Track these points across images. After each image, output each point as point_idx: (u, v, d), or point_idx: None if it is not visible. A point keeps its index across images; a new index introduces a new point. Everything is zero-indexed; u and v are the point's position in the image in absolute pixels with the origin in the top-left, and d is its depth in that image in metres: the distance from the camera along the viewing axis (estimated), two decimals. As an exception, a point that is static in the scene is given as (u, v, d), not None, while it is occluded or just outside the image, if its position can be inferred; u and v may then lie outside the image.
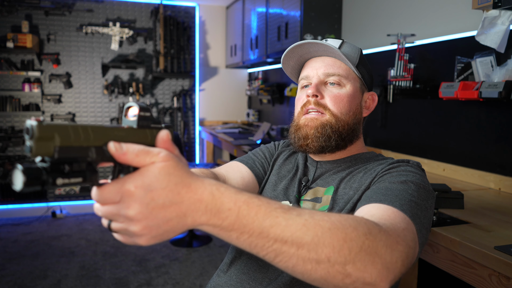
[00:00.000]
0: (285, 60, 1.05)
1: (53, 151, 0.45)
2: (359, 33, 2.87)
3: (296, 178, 1.05)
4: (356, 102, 1.02)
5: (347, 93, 0.99)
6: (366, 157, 1.03)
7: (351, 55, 1.00)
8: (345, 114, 0.98)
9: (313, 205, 0.97)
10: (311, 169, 1.06)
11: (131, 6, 4.48)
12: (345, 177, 0.98)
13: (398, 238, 0.63)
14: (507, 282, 1.04)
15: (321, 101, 0.98)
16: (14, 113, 4.18)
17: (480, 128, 1.90)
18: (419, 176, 0.86)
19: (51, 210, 4.41)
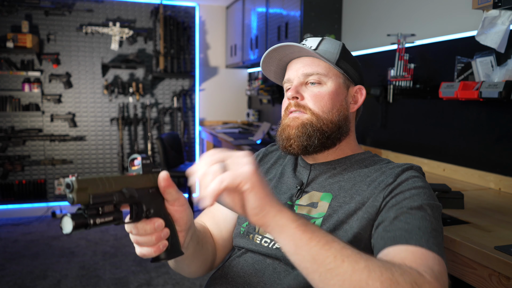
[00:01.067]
0: (265, 66, 1.05)
1: (89, 198, 0.59)
2: (359, 33, 2.87)
3: (288, 182, 1.02)
4: (340, 98, 0.99)
5: (328, 90, 0.97)
6: (362, 159, 1.00)
7: (330, 52, 0.98)
8: (328, 112, 0.96)
9: (308, 210, 0.94)
10: (304, 172, 1.02)
11: (131, 6, 4.48)
12: (345, 185, 0.94)
13: (437, 283, 0.66)
14: (507, 282, 1.04)
15: (301, 102, 0.97)
16: (14, 113, 4.18)
17: (480, 128, 1.90)
18: (427, 189, 0.87)
19: (51, 210, 4.41)
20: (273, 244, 0.92)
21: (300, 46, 0.96)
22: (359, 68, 1.05)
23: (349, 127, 1.02)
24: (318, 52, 0.97)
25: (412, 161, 2.30)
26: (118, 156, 4.57)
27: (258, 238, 0.95)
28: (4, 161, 4.21)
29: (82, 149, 4.48)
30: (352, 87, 1.03)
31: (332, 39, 1.03)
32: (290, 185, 1.02)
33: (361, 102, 1.04)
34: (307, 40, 1.01)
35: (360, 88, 1.04)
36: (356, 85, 1.04)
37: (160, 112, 4.67)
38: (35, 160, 4.32)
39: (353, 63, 1.03)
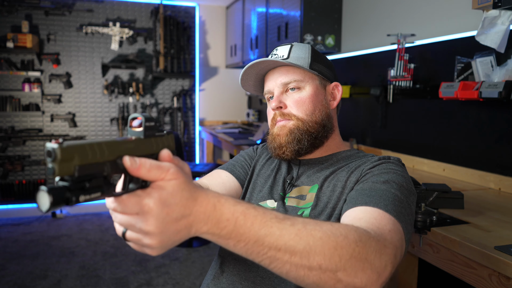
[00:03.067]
0: (243, 82, 1.11)
1: (74, 170, 0.48)
2: (359, 33, 2.87)
3: (281, 177, 1.08)
4: (320, 98, 1.05)
5: (308, 94, 1.03)
6: (347, 155, 1.06)
7: (301, 58, 1.04)
8: (311, 114, 1.03)
9: (297, 202, 1.00)
10: (294, 168, 1.08)
11: (131, 6, 4.48)
12: (329, 175, 1.00)
13: (385, 242, 0.66)
14: (507, 282, 1.04)
15: (285, 111, 1.04)
16: (14, 113, 4.18)
17: (480, 128, 1.90)
18: (400, 172, 0.90)
19: (51, 210, 4.40)
20: None
21: (274, 60, 1.02)
22: (331, 66, 1.11)
23: (332, 123, 1.07)
24: (290, 60, 1.02)
25: (412, 161, 2.31)
26: (118, 156, 4.56)
27: None
28: (4, 161, 4.21)
29: (82, 149, 4.47)
30: (328, 86, 1.08)
31: (301, 44, 1.08)
32: (283, 179, 1.08)
33: (339, 97, 1.09)
34: (277, 50, 1.07)
35: (336, 85, 1.10)
36: (332, 83, 1.09)
37: (160, 112, 4.67)
38: (35, 160, 4.32)
39: (325, 63, 1.08)
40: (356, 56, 2.88)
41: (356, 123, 2.91)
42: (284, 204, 1.02)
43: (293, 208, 1.00)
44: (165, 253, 3.33)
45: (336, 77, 1.12)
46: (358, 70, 2.88)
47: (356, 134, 2.89)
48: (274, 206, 1.04)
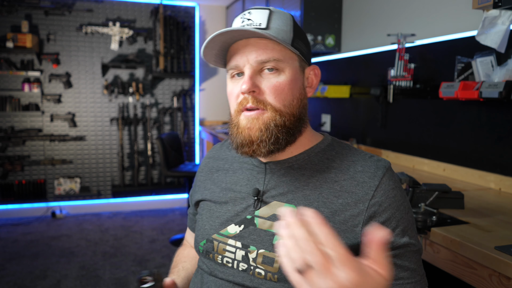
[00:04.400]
0: (207, 51, 0.84)
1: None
2: (359, 33, 2.87)
3: (242, 190, 0.89)
4: (298, 85, 0.85)
5: (287, 79, 0.82)
6: (322, 150, 0.88)
7: (283, 30, 0.82)
8: (288, 105, 0.82)
9: (270, 225, 0.83)
10: (259, 176, 0.88)
11: (131, 6, 4.48)
12: (310, 195, 0.82)
13: None
14: (507, 283, 1.04)
15: (260, 97, 0.81)
16: (14, 113, 4.18)
17: (480, 128, 1.89)
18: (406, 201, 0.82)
19: (51, 210, 4.40)
20: (237, 264, 0.84)
21: (251, 30, 0.78)
22: (309, 44, 0.90)
23: (306, 115, 0.88)
24: (270, 32, 0.79)
25: (413, 161, 2.30)
26: (118, 156, 4.56)
27: (219, 257, 0.87)
28: (4, 161, 4.21)
29: (82, 149, 4.47)
30: (307, 69, 0.88)
31: (281, 12, 0.85)
32: (244, 193, 0.88)
33: (317, 84, 0.90)
34: (251, 14, 0.83)
35: (314, 69, 0.89)
36: (309, 65, 0.89)
37: (160, 112, 4.67)
38: (35, 160, 4.32)
39: (305, 40, 0.88)
40: (356, 56, 2.88)
41: (356, 123, 2.90)
42: (255, 227, 0.84)
43: (266, 233, 0.83)
44: (165, 253, 3.33)
45: (311, 55, 0.91)
46: (358, 70, 2.88)
47: (356, 134, 2.88)
48: (235, 232, 0.86)
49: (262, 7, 0.84)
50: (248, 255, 0.83)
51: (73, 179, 4.44)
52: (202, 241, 0.91)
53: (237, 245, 0.85)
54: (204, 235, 0.91)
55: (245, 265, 0.83)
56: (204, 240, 0.90)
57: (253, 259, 0.82)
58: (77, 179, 4.45)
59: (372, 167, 0.82)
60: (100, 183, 4.56)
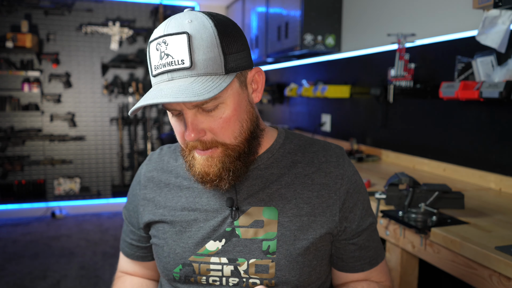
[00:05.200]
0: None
1: None
2: (359, 33, 2.87)
3: (211, 203, 0.82)
4: (244, 106, 0.76)
5: (231, 109, 0.73)
6: (282, 145, 0.85)
7: (212, 58, 0.69)
8: (239, 134, 0.75)
9: (254, 233, 0.79)
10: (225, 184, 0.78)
11: (131, 6, 4.48)
12: (286, 193, 0.81)
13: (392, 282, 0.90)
14: (507, 283, 1.04)
15: (207, 139, 0.74)
16: (14, 113, 4.18)
17: (480, 128, 1.89)
18: (363, 184, 0.89)
19: (50, 210, 4.40)
20: (226, 280, 0.81)
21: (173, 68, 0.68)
22: (244, 42, 0.75)
23: (260, 123, 0.82)
24: (198, 72, 0.68)
25: (413, 161, 2.30)
26: (117, 156, 4.56)
27: (203, 279, 0.81)
28: (3, 161, 4.21)
29: (82, 149, 4.47)
30: (248, 76, 0.77)
31: (200, 29, 0.69)
32: (213, 207, 0.82)
33: (263, 85, 0.80)
34: (168, 46, 0.68)
35: (257, 72, 0.79)
36: (249, 69, 0.78)
37: (160, 112, 4.66)
38: (35, 160, 4.32)
39: (237, 44, 0.72)
40: (356, 56, 2.88)
41: (356, 123, 2.90)
42: (239, 238, 0.79)
43: (252, 241, 0.79)
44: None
45: (250, 55, 0.78)
46: (358, 70, 2.87)
47: (356, 134, 2.88)
48: (217, 248, 0.80)
49: (177, 31, 0.68)
50: (238, 268, 0.80)
51: (73, 179, 4.44)
52: (177, 267, 0.82)
53: (222, 261, 0.80)
54: (178, 260, 0.82)
55: (235, 279, 0.80)
56: (180, 266, 0.82)
57: (245, 271, 0.79)
58: (77, 179, 4.45)
59: (333, 156, 0.85)
60: (100, 183, 4.56)
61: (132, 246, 0.95)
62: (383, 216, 1.47)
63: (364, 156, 2.55)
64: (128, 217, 0.95)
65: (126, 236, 0.96)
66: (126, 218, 0.96)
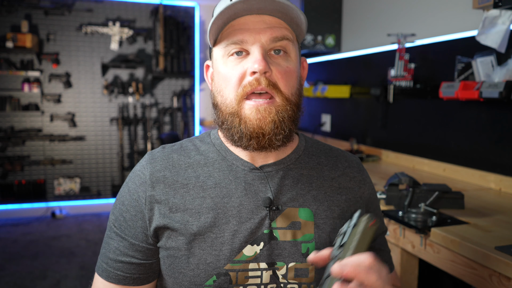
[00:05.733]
0: (214, 22, 0.71)
1: None
2: (359, 33, 2.87)
3: (244, 202, 0.75)
4: (299, 73, 0.77)
5: (294, 64, 0.74)
6: (306, 148, 0.84)
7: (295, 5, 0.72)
8: (295, 93, 0.74)
9: (293, 234, 0.75)
10: (258, 182, 0.76)
11: (131, 6, 4.48)
12: (318, 195, 0.79)
13: None
14: (507, 283, 1.04)
15: (271, 79, 0.71)
16: (14, 113, 4.18)
17: (480, 128, 1.89)
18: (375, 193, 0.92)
19: (50, 210, 4.40)
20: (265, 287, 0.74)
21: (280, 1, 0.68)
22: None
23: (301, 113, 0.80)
24: (287, 2, 0.69)
25: (413, 161, 2.30)
26: (117, 156, 4.56)
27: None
28: (3, 161, 4.20)
29: (82, 149, 4.47)
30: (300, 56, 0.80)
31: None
32: (248, 206, 0.75)
33: (305, 75, 0.83)
34: None
35: (303, 60, 0.83)
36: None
37: (160, 112, 4.67)
38: (35, 160, 4.32)
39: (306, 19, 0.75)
40: (356, 56, 2.88)
41: (356, 123, 2.90)
42: (277, 241, 0.74)
43: (291, 244, 0.74)
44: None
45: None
46: (358, 70, 2.87)
47: (356, 134, 2.88)
48: (255, 252, 0.73)
49: None
50: (276, 273, 0.74)
51: (73, 179, 4.44)
52: (210, 279, 0.73)
53: (261, 266, 0.73)
54: (211, 270, 0.72)
55: (273, 286, 0.74)
56: (214, 277, 0.72)
57: (283, 275, 0.74)
58: (77, 179, 4.45)
59: (354, 162, 0.87)
60: (100, 183, 4.56)
61: (130, 266, 0.77)
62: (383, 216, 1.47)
63: (364, 156, 2.55)
64: (124, 229, 0.77)
65: (118, 255, 0.77)
66: (118, 230, 0.78)
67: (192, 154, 0.80)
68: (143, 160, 0.81)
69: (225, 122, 0.73)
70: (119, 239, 0.77)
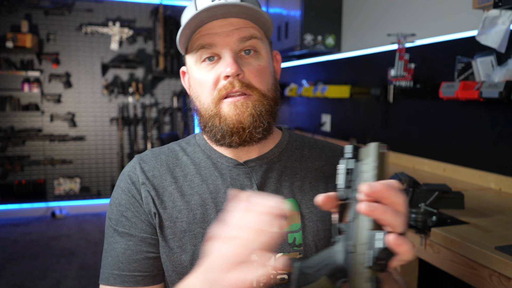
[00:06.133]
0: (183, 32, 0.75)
1: None
2: (359, 33, 2.87)
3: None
4: (271, 70, 0.79)
5: (266, 61, 0.77)
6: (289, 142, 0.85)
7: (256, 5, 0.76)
8: (270, 89, 0.77)
9: None
10: (243, 177, 0.79)
11: (131, 6, 4.48)
12: (302, 186, 0.80)
13: None
14: (507, 283, 1.04)
15: (246, 81, 0.73)
16: (14, 113, 4.18)
17: (480, 128, 1.89)
18: None
19: (50, 210, 4.40)
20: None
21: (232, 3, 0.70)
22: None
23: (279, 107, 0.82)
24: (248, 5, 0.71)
25: (413, 161, 2.30)
26: (117, 156, 4.56)
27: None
28: (3, 161, 4.21)
29: (82, 149, 4.47)
30: (272, 51, 0.82)
31: None
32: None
33: (280, 68, 0.85)
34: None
35: (276, 54, 0.84)
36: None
37: (160, 112, 4.67)
38: (35, 160, 4.32)
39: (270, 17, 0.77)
40: (356, 56, 2.88)
41: (356, 123, 2.90)
42: None
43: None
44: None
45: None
46: (358, 70, 2.87)
47: (356, 134, 2.88)
48: None
49: None
50: None
51: (73, 179, 4.44)
52: None
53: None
54: None
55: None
56: None
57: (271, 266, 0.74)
58: (77, 179, 4.45)
59: (339, 150, 0.87)
60: (100, 183, 4.56)
61: (147, 261, 0.76)
62: (383, 216, 1.46)
63: (364, 156, 2.55)
64: (130, 227, 0.77)
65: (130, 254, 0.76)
66: (124, 229, 0.77)
67: (180, 155, 0.83)
68: (131, 162, 0.83)
69: (207, 125, 0.76)
70: (127, 238, 0.77)
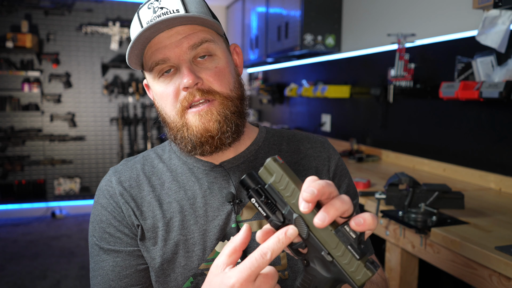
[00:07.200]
0: (131, 54, 0.73)
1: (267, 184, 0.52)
2: (359, 33, 2.86)
3: (210, 202, 0.76)
4: (233, 65, 0.78)
5: (223, 61, 0.75)
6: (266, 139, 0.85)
7: (203, 12, 0.73)
8: (233, 88, 0.75)
9: (259, 224, 0.76)
10: (220, 179, 0.78)
11: (131, 6, 4.48)
12: None
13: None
14: (507, 283, 1.04)
15: (205, 88, 0.72)
16: (14, 113, 4.18)
17: (480, 128, 1.89)
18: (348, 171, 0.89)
19: (50, 210, 4.40)
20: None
21: (181, 15, 0.68)
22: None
23: (247, 104, 0.81)
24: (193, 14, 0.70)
25: (413, 161, 2.30)
26: (117, 156, 4.56)
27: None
28: (3, 161, 4.21)
29: (82, 149, 4.47)
30: (230, 46, 0.82)
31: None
32: (214, 204, 0.76)
33: (242, 62, 0.83)
34: (161, 2, 0.71)
35: (235, 47, 0.83)
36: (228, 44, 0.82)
37: (160, 112, 4.67)
38: (35, 160, 4.32)
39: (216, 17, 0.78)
40: (356, 56, 2.88)
41: (356, 123, 2.90)
42: None
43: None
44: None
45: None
46: (358, 70, 2.87)
47: (356, 134, 2.88)
48: None
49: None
50: None
51: (73, 179, 4.44)
52: (187, 281, 0.75)
53: None
54: (187, 272, 0.74)
55: None
56: (190, 278, 0.74)
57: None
58: (77, 179, 4.45)
59: (318, 142, 0.87)
60: (100, 183, 4.56)
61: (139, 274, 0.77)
62: (383, 216, 1.47)
63: (364, 156, 2.55)
64: (115, 243, 0.77)
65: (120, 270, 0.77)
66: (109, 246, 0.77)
67: (155, 162, 0.82)
68: (106, 175, 0.82)
69: (177, 137, 0.75)
70: (113, 254, 0.77)
